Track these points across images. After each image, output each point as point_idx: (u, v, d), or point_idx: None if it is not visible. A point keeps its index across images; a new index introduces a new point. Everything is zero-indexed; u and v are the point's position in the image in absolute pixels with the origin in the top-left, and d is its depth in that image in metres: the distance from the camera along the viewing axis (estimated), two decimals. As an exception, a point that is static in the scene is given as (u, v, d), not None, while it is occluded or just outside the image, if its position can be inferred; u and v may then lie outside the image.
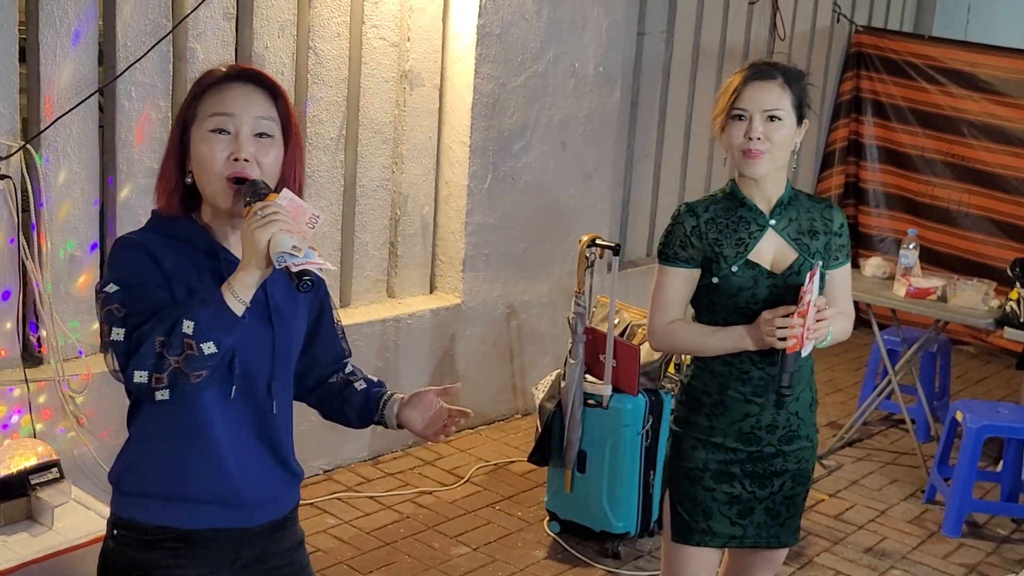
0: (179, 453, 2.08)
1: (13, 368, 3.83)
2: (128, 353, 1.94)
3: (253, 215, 1.94)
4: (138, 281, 2.00)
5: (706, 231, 2.77)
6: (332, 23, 4.62)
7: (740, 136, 2.71)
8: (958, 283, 5.25)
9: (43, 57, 3.78)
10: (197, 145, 2.05)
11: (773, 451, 2.84)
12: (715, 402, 2.83)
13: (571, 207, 5.69)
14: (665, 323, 2.84)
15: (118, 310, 1.97)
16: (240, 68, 2.13)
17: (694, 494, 2.85)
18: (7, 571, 3.18)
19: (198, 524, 2.11)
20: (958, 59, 7.18)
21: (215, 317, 1.93)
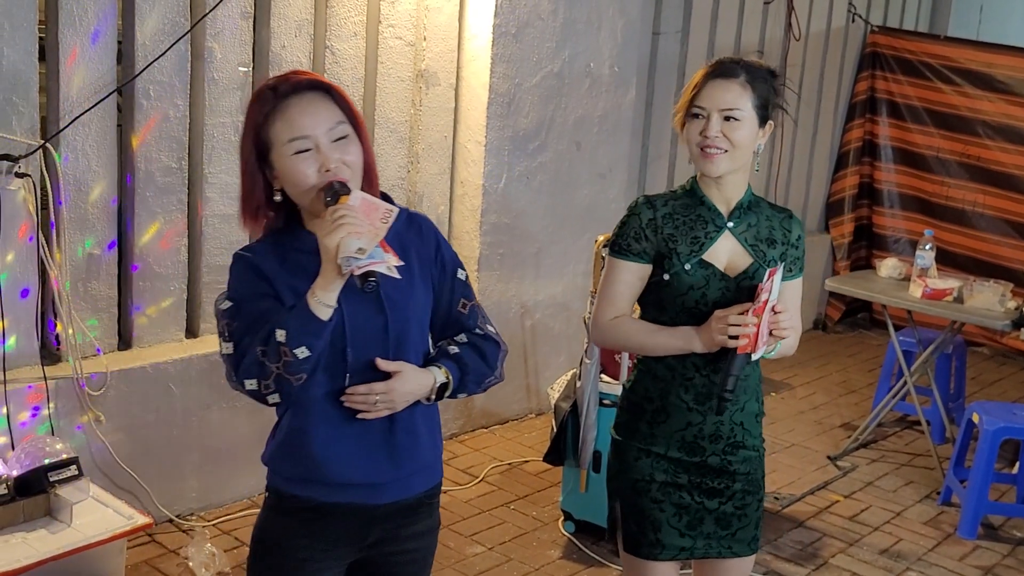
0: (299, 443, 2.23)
1: (32, 366, 3.85)
2: (236, 364, 2.11)
3: (324, 222, 2.06)
4: (247, 297, 2.15)
5: (662, 225, 2.68)
6: (349, 22, 4.63)
7: (696, 134, 2.63)
8: (974, 284, 5.24)
9: (63, 56, 3.80)
10: (284, 169, 2.15)
11: (718, 461, 2.74)
12: (656, 409, 2.73)
13: (586, 207, 5.70)
14: (610, 317, 2.73)
15: (228, 325, 2.15)
16: (293, 82, 2.18)
17: (642, 506, 2.74)
18: (26, 567, 3.20)
19: (326, 499, 2.25)
20: (974, 59, 7.16)
21: (303, 324, 2.06)
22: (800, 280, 2.82)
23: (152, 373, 4.12)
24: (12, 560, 3.20)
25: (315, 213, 2.15)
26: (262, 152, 2.16)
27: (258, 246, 2.21)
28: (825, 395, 6.43)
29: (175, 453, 4.22)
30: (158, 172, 4.13)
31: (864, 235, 7.90)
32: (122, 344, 4.21)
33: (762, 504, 2.85)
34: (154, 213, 4.14)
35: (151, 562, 3.95)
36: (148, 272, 4.17)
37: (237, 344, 2.11)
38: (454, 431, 5.32)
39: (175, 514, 4.22)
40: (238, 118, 4.32)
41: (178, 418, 4.21)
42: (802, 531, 4.64)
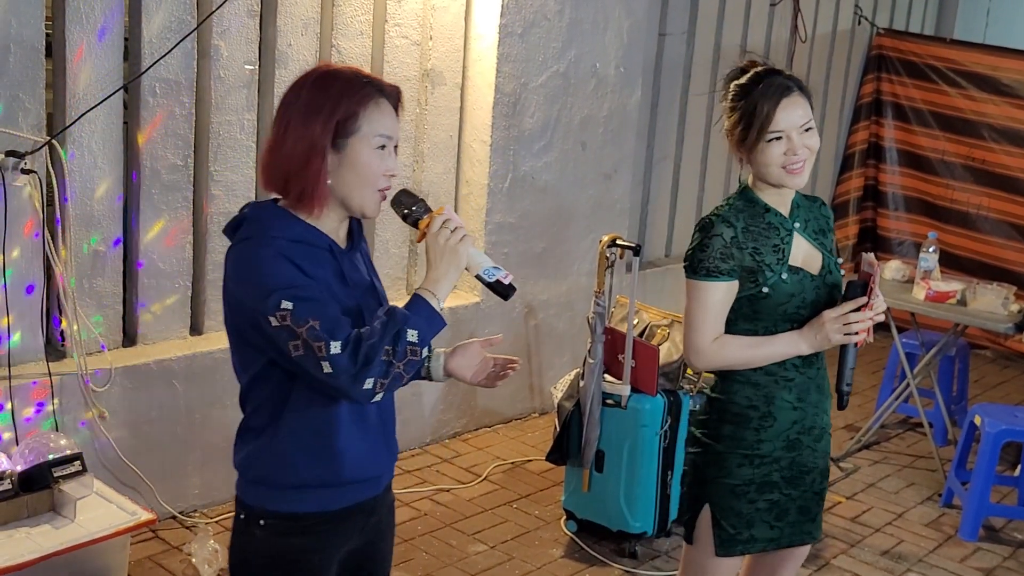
0: (323, 442, 2.21)
1: (36, 361, 3.86)
2: (354, 363, 2.06)
3: (442, 230, 2.18)
4: (310, 293, 2.10)
5: (744, 241, 2.70)
6: (355, 21, 4.64)
7: (780, 155, 2.67)
8: (977, 287, 5.24)
9: (69, 53, 3.82)
10: (360, 156, 2.18)
11: (810, 452, 2.85)
12: (763, 415, 2.77)
13: (590, 207, 5.70)
14: (710, 340, 2.72)
15: (316, 324, 2.06)
16: (393, 87, 2.25)
17: (739, 509, 2.80)
18: (30, 562, 3.21)
19: (344, 503, 2.27)
20: (980, 62, 7.16)
21: (430, 323, 2.15)
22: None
23: (156, 370, 4.13)
24: (16, 555, 3.21)
25: (362, 213, 2.22)
26: (341, 133, 2.15)
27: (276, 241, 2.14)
28: (828, 397, 6.41)
29: (179, 450, 4.23)
30: (164, 169, 4.14)
31: (868, 237, 7.90)
32: (127, 341, 4.22)
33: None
34: (159, 210, 4.15)
35: (154, 558, 3.96)
36: (153, 269, 4.19)
37: (346, 343, 2.06)
38: (457, 430, 5.33)
39: (178, 510, 4.23)
40: (244, 116, 4.33)
41: (182, 415, 4.22)
42: (804, 532, 4.65)
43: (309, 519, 2.23)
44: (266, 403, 2.22)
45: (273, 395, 2.21)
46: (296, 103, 2.18)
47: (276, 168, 2.19)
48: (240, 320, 2.17)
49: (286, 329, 2.06)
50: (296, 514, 2.22)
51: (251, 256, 2.14)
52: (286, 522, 2.22)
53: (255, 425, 2.25)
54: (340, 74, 2.21)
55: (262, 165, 2.25)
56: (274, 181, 2.21)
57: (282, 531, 2.23)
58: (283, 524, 2.23)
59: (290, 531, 2.22)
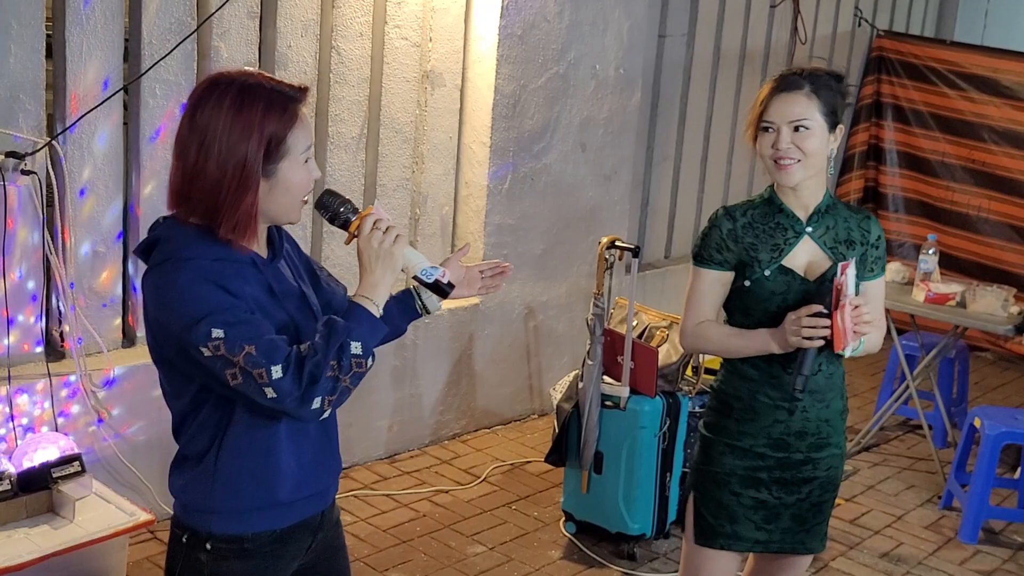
0: (265, 462, 2.14)
1: (36, 362, 3.87)
2: (299, 385, 1.98)
3: (374, 231, 2.10)
4: (238, 317, 2.00)
5: (742, 235, 2.78)
6: (355, 23, 4.64)
7: (768, 147, 2.73)
8: (977, 289, 5.24)
9: (69, 54, 3.82)
10: (290, 178, 2.09)
11: (802, 458, 2.84)
12: (745, 407, 2.82)
13: (590, 209, 5.71)
14: (695, 323, 2.85)
15: (252, 350, 1.97)
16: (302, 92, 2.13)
17: (720, 498, 2.84)
18: (29, 563, 3.21)
19: (290, 521, 2.21)
20: (980, 64, 7.16)
21: (372, 331, 2.07)
22: (883, 279, 2.93)
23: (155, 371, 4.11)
24: (15, 556, 3.22)
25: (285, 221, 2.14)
26: (271, 157, 2.05)
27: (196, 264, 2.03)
28: (828, 398, 6.42)
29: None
30: (163, 170, 4.14)
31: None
32: (126, 342, 4.22)
33: (835, 502, 2.96)
34: (159, 211, 4.12)
35: (153, 559, 3.96)
36: (153, 270, 4.18)
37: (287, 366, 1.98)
38: (456, 431, 5.33)
39: (177, 511, 4.23)
40: (244, 117, 4.33)
41: (181, 416, 4.22)
42: (803, 534, 4.65)
43: (256, 540, 2.16)
44: (203, 430, 2.14)
45: (209, 421, 2.13)
46: (214, 126, 2.03)
47: (199, 198, 2.05)
48: (166, 348, 2.07)
49: (220, 359, 1.97)
50: (242, 536, 2.15)
51: (171, 282, 2.02)
52: (232, 545, 2.15)
53: (193, 453, 2.17)
54: (256, 90, 2.06)
55: (175, 190, 2.08)
56: (195, 210, 2.06)
57: (228, 554, 2.16)
58: (229, 548, 2.15)
59: (237, 554, 2.16)
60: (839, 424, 2.90)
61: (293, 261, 2.28)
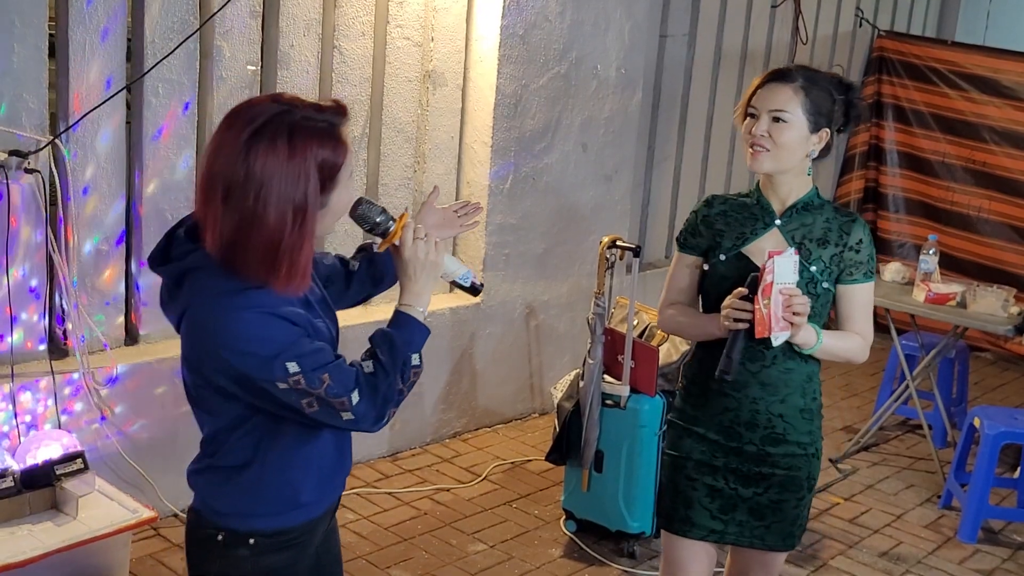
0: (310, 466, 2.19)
1: (39, 360, 3.88)
2: (375, 406, 2.06)
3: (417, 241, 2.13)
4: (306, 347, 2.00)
5: (714, 221, 2.87)
6: (357, 22, 4.66)
7: (747, 133, 2.78)
8: (977, 289, 5.25)
9: (72, 53, 3.83)
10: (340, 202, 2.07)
11: (755, 451, 2.82)
12: (700, 391, 2.88)
13: (591, 208, 5.72)
14: (666, 305, 2.96)
15: (329, 380, 2.00)
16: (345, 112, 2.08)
17: (677, 482, 2.91)
18: (32, 560, 3.23)
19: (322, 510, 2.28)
20: (981, 64, 7.17)
21: (422, 339, 2.14)
22: (866, 286, 2.85)
23: (158, 368, 4.15)
24: (18, 552, 3.23)
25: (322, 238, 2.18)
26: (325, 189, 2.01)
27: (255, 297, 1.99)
28: (827, 398, 6.36)
29: (180, 448, 4.24)
30: (166, 169, 4.16)
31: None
32: (129, 340, 4.24)
33: (803, 503, 2.91)
34: (161, 210, 4.17)
35: (156, 556, 3.98)
36: (155, 268, 4.20)
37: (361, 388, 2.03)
38: (457, 429, 5.34)
39: (180, 509, 4.24)
40: (246, 116, 4.34)
41: (183, 413, 4.21)
42: (802, 533, 4.66)
43: (296, 531, 2.22)
44: (243, 444, 2.14)
45: (252, 436, 2.13)
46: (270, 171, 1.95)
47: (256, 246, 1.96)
48: (219, 379, 2.04)
49: (297, 391, 1.99)
50: (285, 529, 2.20)
51: (233, 320, 1.98)
52: (275, 539, 2.19)
53: (230, 464, 2.17)
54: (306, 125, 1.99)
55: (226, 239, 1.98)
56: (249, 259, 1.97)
57: (271, 548, 2.20)
58: (272, 541, 2.19)
59: (279, 547, 2.20)
60: (800, 423, 2.83)
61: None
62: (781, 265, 2.61)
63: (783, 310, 2.63)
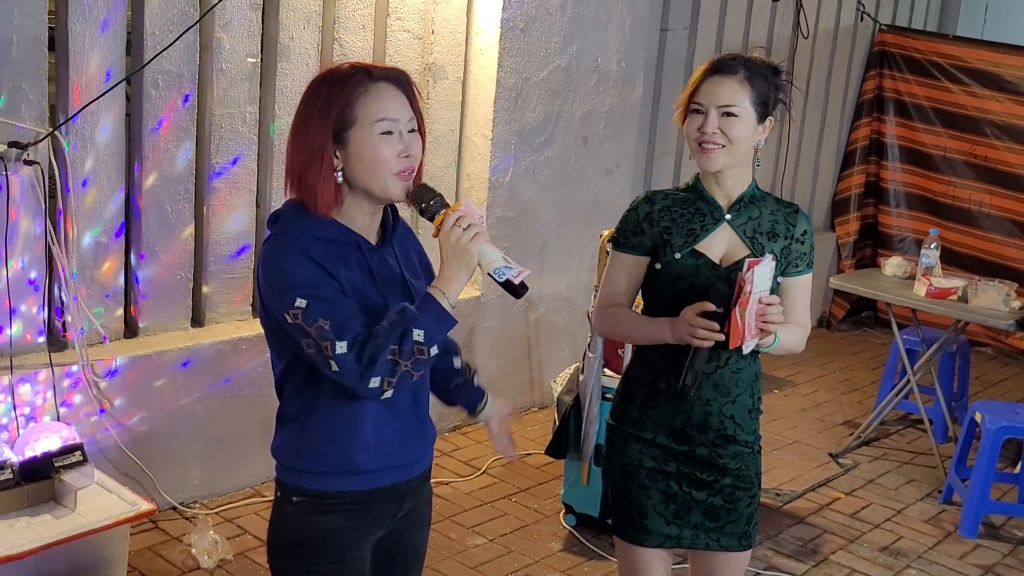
0: (350, 432, 2.25)
1: (38, 352, 3.87)
2: (359, 363, 2.10)
3: (455, 227, 2.17)
4: (324, 292, 2.13)
5: (658, 218, 2.75)
6: (357, 15, 4.65)
7: (695, 130, 2.67)
8: (979, 284, 5.24)
9: (72, 45, 3.82)
10: (364, 147, 2.18)
11: (707, 453, 2.76)
12: (647, 394, 2.77)
13: (591, 202, 5.71)
14: (606, 306, 2.82)
15: (324, 324, 2.10)
16: (386, 70, 2.24)
17: (629, 490, 2.78)
18: (31, 552, 3.22)
19: (372, 485, 2.30)
20: (982, 59, 7.16)
21: (439, 322, 2.16)
22: (808, 277, 2.83)
23: (157, 361, 4.14)
24: (17, 544, 3.22)
25: (387, 199, 2.23)
26: (340, 128, 2.17)
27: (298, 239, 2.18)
28: (828, 392, 6.44)
29: (179, 441, 4.25)
30: (166, 161, 4.15)
31: (870, 234, 7.90)
32: (128, 332, 4.23)
33: (755, 501, 2.85)
34: (161, 202, 4.16)
35: (154, 548, 3.98)
36: (155, 261, 4.20)
37: (352, 343, 2.10)
38: (457, 423, 5.34)
39: (179, 501, 4.25)
40: (246, 109, 4.34)
41: (182, 406, 4.23)
42: (803, 527, 4.66)
43: (336, 498, 2.27)
44: (297, 393, 2.27)
45: (303, 386, 2.26)
46: (299, 112, 2.23)
47: (293, 179, 2.24)
48: (266, 314, 2.22)
49: (298, 328, 2.11)
50: (324, 492, 2.27)
51: (276, 254, 2.18)
52: (315, 500, 2.27)
53: (289, 413, 2.31)
54: (332, 72, 2.23)
55: (286, 175, 2.27)
56: (292, 188, 2.25)
57: (311, 508, 2.28)
58: (312, 502, 2.28)
59: (319, 509, 2.28)
60: (747, 422, 2.79)
61: (405, 249, 2.38)
62: (760, 274, 2.56)
63: (757, 318, 2.58)
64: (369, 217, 2.27)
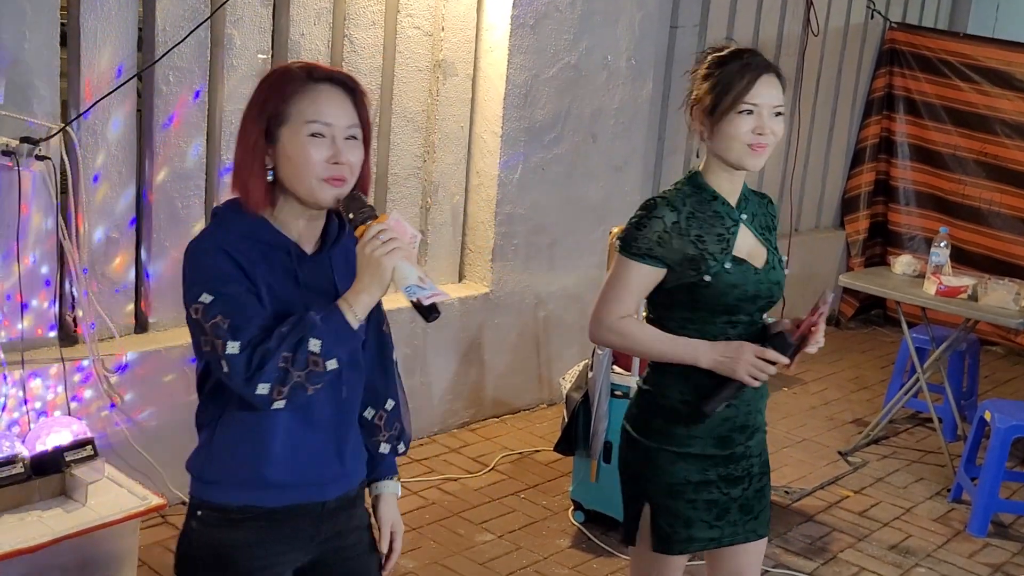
0: (257, 443, 2.16)
1: (49, 347, 3.89)
2: (248, 367, 2.02)
3: (373, 239, 2.05)
4: (231, 290, 2.06)
5: (687, 228, 2.62)
6: (368, 11, 4.65)
7: (747, 130, 2.60)
8: (989, 282, 5.23)
9: (84, 41, 3.83)
10: (291, 147, 2.11)
11: (743, 450, 2.77)
12: (693, 410, 2.68)
13: (601, 199, 5.71)
14: (618, 316, 2.66)
15: (222, 322, 2.04)
16: (329, 72, 2.17)
17: (677, 508, 2.73)
18: (41, 546, 3.23)
19: (278, 503, 2.20)
20: (993, 57, 7.14)
21: (338, 335, 2.05)
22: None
23: (167, 356, 4.15)
24: (27, 538, 3.23)
25: (314, 204, 2.13)
26: (272, 125, 2.12)
27: (219, 235, 2.14)
28: (837, 391, 6.43)
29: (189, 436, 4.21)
30: (176, 157, 4.16)
31: (879, 232, 7.89)
32: (139, 327, 4.24)
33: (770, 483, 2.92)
34: (172, 198, 4.17)
35: (164, 543, 3.98)
36: (165, 256, 4.21)
37: (245, 345, 2.02)
38: (465, 419, 5.35)
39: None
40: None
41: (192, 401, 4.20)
42: (811, 525, 4.66)
43: (241, 512, 2.19)
44: (210, 399, 2.21)
45: (215, 392, 2.19)
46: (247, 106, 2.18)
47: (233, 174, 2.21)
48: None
49: (196, 323, 2.06)
50: (227, 506, 2.19)
51: (195, 248, 2.14)
52: (218, 514, 2.20)
53: (201, 421, 2.26)
54: (278, 69, 2.18)
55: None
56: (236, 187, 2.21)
57: (214, 523, 2.20)
58: (215, 516, 2.20)
59: (223, 523, 2.19)
60: (764, 408, 2.83)
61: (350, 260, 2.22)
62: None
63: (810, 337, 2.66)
64: (304, 222, 2.18)
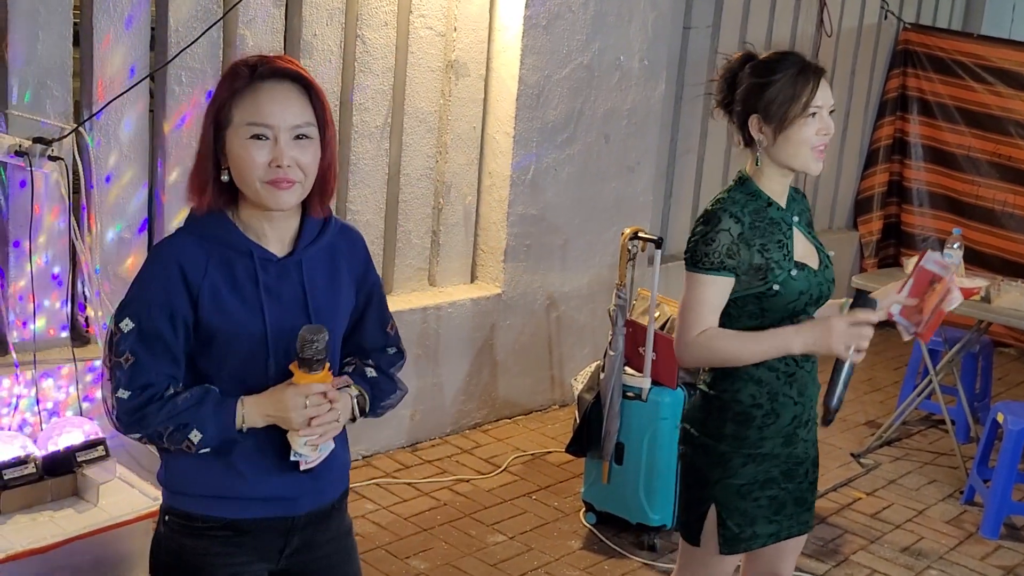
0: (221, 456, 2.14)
1: (61, 347, 3.89)
2: (130, 415, 2.05)
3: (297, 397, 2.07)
4: (151, 327, 2.06)
5: (750, 237, 2.61)
6: (380, 12, 4.65)
7: (813, 134, 2.59)
8: (1002, 284, 5.21)
9: (96, 42, 3.84)
10: (235, 149, 2.08)
11: (803, 445, 2.80)
12: (767, 412, 2.70)
13: (613, 200, 5.70)
14: (698, 333, 2.63)
15: (127, 360, 2.05)
16: (273, 66, 2.09)
17: (745, 508, 2.74)
18: (53, 546, 3.24)
19: (242, 515, 2.19)
20: (1007, 58, 7.11)
21: (220, 432, 2.08)
22: None
23: (180, 357, 4.15)
24: (39, 538, 3.24)
25: (259, 205, 2.10)
26: (219, 127, 2.08)
27: (185, 241, 2.12)
28: (850, 392, 6.30)
29: (201, 436, 4.25)
30: (188, 158, 4.14)
31: (893, 233, 7.86)
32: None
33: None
34: (184, 197, 4.16)
35: (176, 543, 3.99)
36: (177, 257, 4.21)
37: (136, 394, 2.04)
38: (477, 420, 5.34)
39: (200, 497, 4.26)
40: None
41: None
42: (824, 527, 4.64)
43: (205, 522, 2.18)
44: None
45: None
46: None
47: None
48: None
49: (110, 342, 2.07)
50: (190, 514, 2.19)
51: (153, 253, 2.15)
52: (183, 521, 2.20)
53: None
54: (233, 67, 2.11)
55: None
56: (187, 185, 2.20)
57: (180, 530, 2.20)
58: (180, 524, 2.20)
59: (187, 531, 2.20)
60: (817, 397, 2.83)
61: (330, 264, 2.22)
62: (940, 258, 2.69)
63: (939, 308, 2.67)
64: (268, 225, 2.14)
